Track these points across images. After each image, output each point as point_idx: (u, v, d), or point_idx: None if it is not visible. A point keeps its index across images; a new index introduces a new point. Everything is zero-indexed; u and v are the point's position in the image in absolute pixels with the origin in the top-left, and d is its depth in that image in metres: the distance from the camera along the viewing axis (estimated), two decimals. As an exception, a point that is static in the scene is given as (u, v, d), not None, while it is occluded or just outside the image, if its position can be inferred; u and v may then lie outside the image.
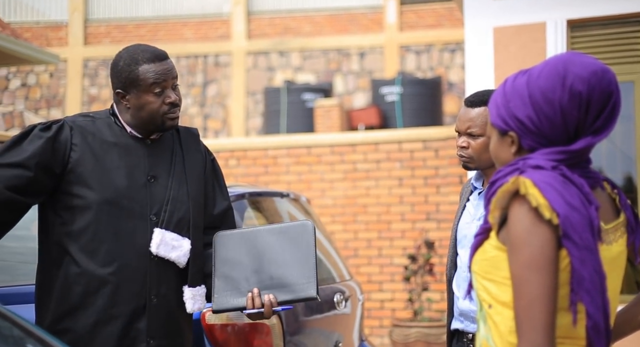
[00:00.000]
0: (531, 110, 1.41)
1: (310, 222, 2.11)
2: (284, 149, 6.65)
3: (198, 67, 12.25)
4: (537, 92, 1.41)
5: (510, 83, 1.46)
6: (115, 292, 2.03)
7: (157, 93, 2.11)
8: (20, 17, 12.75)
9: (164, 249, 2.06)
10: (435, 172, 6.30)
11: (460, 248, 2.32)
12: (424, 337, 5.69)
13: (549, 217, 1.32)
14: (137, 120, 2.13)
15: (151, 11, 12.58)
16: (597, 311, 1.33)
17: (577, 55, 1.43)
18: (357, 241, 6.40)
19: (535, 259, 1.32)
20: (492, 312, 1.40)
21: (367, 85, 11.57)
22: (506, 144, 1.46)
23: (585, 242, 1.33)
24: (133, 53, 2.15)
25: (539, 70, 1.43)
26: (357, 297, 3.44)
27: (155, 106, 2.10)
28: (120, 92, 2.12)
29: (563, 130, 1.40)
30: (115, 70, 2.15)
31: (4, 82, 12.49)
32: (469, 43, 5.17)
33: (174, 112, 2.13)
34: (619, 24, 4.87)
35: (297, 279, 2.04)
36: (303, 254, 2.06)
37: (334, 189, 6.48)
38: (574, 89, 1.38)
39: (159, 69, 2.11)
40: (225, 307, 2.07)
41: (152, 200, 2.09)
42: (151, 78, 2.09)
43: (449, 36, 11.44)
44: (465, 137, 2.28)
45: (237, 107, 12.04)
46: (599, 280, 1.33)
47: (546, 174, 1.36)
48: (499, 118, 1.45)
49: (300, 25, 12.16)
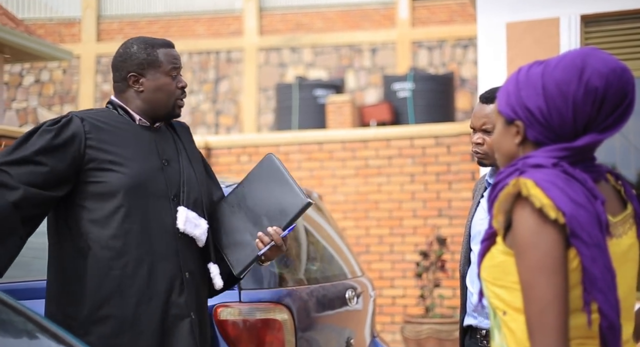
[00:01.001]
0: (542, 101, 1.37)
1: (271, 154, 2.25)
2: (296, 145, 6.65)
3: (210, 63, 12.27)
4: (552, 84, 1.37)
5: (524, 72, 1.42)
6: (152, 271, 2.09)
7: (174, 76, 2.20)
8: (33, 14, 12.81)
9: (189, 226, 2.14)
10: (447, 168, 6.29)
11: (474, 244, 2.32)
12: (435, 333, 5.68)
13: (554, 217, 1.28)
14: (149, 105, 2.19)
15: (163, 7, 12.61)
16: (611, 310, 1.29)
17: (597, 50, 1.39)
18: (369, 237, 6.40)
19: (544, 262, 1.28)
20: (508, 319, 1.36)
21: (379, 81, 11.54)
22: (510, 133, 1.42)
23: (595, 240, 1.29)
24: (145, 39, 2.23)
25: (557, 62, 1.39)
26: (369, 293, 3.44)
27: (172, 88, 2.20)
28: (134, 76, 2.17)
29: (571, 125, 1.36)
30: (126, 55, 2.19)
31: (17, 79, 12.56)
32: (482, 39, 5.14)
33: (183, 98, 2.23)
34: (633, 19, 4.83)
35: (285, 201, 2.17)
36: (279, 180, 2.19)
37: (346, 185, 6.48)
38: (591, 84, 1.34)
39: (176, 54, 2.23)
40: (245, 264, 2.19)
41: (170, 182, 2.17)
42: (169, 62, 2.19)
43: (461, 32, 11.39)
44: (480, 133, 2.28)
45: (249, 103, 12.04)
46: (610, 278, 1.30)
47: (548, 173, 1.32)
48: (508, 106, 1.41)
49: (312, 21, 12.14)
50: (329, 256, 3.42)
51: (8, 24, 8.19)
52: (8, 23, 8.22)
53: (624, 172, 4.96)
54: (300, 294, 2.79)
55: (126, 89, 2.19)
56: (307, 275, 3.14)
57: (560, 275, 1.28)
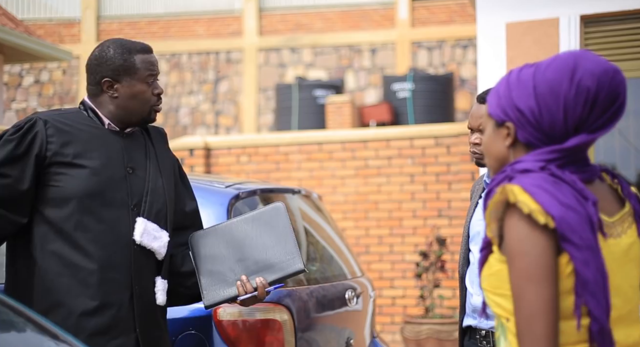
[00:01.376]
0: (533, 101, 1.35)
1: (281, 204, 2.16)
2: (295, 145, 6.65)
3: (210, 63, 12.27)
4: (543, 84, 1.35)
5: (515, 74, 1.41)
6: (102, 282, 2.02)
7: (150, 83, 2.14)
8: (33, 14, 12.82)
9: (147, 238, 2.07)
10: (447, 168, 6.29)
11: (474, 245, 2.32)
12: (435, 334, 5.68)
13: (544, 221, 1.27)
14: (122, 111, 2.12)
15: (163, 8, 12.61)
16: (602, 314, 1.28)
17: (589, 52, 1.39)
18: (369, 238, 6.40)
19: (533, 269, 1.27)
20: (511, 325, 1.34)
21: (379, 81, 11.54)
22: (501, 136, 1.40)
23: (586, 242, 1.27)
24: (123, 43, 2.16)
25: (548, 63, 1.38)
26: (369, 293, 3.44)
27: (148, 96, 2.13)
28: (109, 81, 2.11)
29: (562, 126, 1.34)
30: (102, 59, 2.13)
31: (17, 79, 12.56)
32: (481, 39, 5.14)
33: (159, 104, 2.17)
34: (633, 19, 4.83)
35: (281, 257, 2.08)
36: (281, 234, 2.10)
37: (345, 186, 6.48)
38: (582, 84, 1.33)
39: (153, 60, 2.16)
40: (217, 300, 2.10)
41: (132, 191, 2.09)
42: (146, 69, 2.13)
43: (461, 32, 11.40)
44: (478, 133, 2.28)
45: (249, 104, 12.04)
46: (602, 280, 1.28)
47: (535, 177, 1.30)
48: (499, 108, 1.40)
49: (311, 22, 12.14)
50: (329, 257, 3.42)
51: (8, 24, 8.19)
52: (8, 23, 8.22)
53: (623, 173, 4.95)
54: (300, 295, 2.79)
55: (100, 94, 2.13)
56: (307, 275, 3.14)
57: (548, 283, 1.27)
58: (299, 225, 3.39)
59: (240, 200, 2.84)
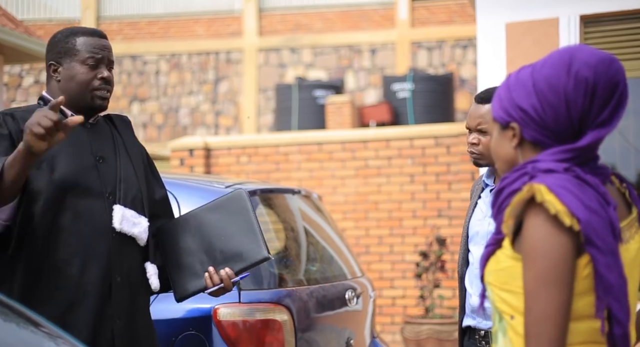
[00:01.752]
0: (535, 99, 1.36)
1: (242, 191, 2.17)
2: (295, 145, 6.65)
3: (210, 64, 12.27)
4: (542, 80, 1.36)
5: (514, 76, 1.42)
6: (83, 273, 2.00)
7: (91, 66, 2.08)
8: (33, 15, 12.82)
9: (126, 224, 2.06)
10: (447, 168, 6.29)
11: (473, 245, 2.32)
12: (435, 334, 5.68)
13: (569, 224, 1.26)
14: (66, 95, 2.06)
15: (163, 8, 12.61)
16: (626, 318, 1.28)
17: (585, 46, 1.40)
18: (369, 238, 6.40)
19: (551, 272, 1.26)
20: (515, 323, 1.34)
21: (379, 81, 11.54)
22: (507, 138, 1.40)
23: (609, 247, 1.27)
24: (73, 28, 2.13)
25: (544, 60, 1.39)
26: (369, 294, 3.44)
27: (87, 78, 2.07)
28: (53, 64, 2.09)
29: (567, 120, 1.34)
30: (51, 43, 2.12)
31: (17, 80, 12.56)
32: (481, 39, 5.14)
33: (104, 90, 2.10)
34: (633, 19, 4.83)
35: (245, 246, 2.09)
36: (244, 221, 2.11)
37: (345, 186, 6.48)
38: (580, 75, 1.34)
39: (96, 43, 2.10)
40: (188, 293, 2.14)
41: (105, 179, 2.08)
42: (87, 50, 2.07)
43: (460, 32, 11.40)
44: (476, 133, 2.28)
45: (249, 104, 12.04)
46: (624, 285, 1.28)
47: (560, 178, 1.30)
48: (502, 110, 1.40)
49: (311, 22, 12.14)
50: (329, 257, 3.42)
51: (7, 24, 8.20)
52: (7, 24, 8.23)
53: (623, 173, 4.95)
54: (300, 295, 2.79)
55: (49, 80, 2.12)
56: (307, 276, 3.14)
57: (565, 287, 1.27)
58: (298, 225, 3.39)
59: (240, 200, 2.83)
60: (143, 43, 12.18)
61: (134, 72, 12.24)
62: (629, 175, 4.98)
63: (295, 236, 3.29)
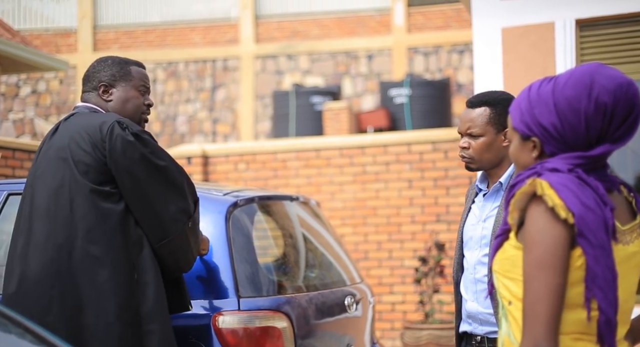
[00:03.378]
0: (556, 118, 1.47)
1: None
2: (293, 152, 6.65)
3: (206, 71, 12.28)
4: (563, 101, 1.47)
5: (535, 90, 1.52)
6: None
7: (142, 92, 2.37)
8: (29, 25, 12.83)
9: None
10: (445, 173, 6.29)
11: (467, 250, 2.31)
12: (435, 339, 5.67)
13: (564, 216, 1.38)
14: (118, 113, 2.32)
15: (159, 17, 12.62)
16: (609, 307, 1.38)
17: (603, 67, 1.50)
18: (367, 244, 6.39)
19: (546, 258, 1.38)
20: (512, 308, 1.46)
21: (376, 87, 11.56)
22: (527, 148, 1.52)
23: (600, 242, 1.38)
24: (119, 57, 2.42)
25: (565, 80, 1.49)
26: (368, 299, 3.44)
27: (140, 102, 2.36)
28: (105, 86, 2.33)
29: (585, 138, 1.46)
30: (100, 67, 2.36)
31: (14, 89, 12.56)
32: (477, 44, 5.15)
33: (148, 114, 2.38)
34: (629, 23, 4.84)
35: None
36: None
37: (344, 192, 6.48)
38: (600, 100, 1.45)
39: (146, 75, 2.43)
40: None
41: None
42: (142, 79, 2.38)
43: (457, 37, 11.42)
44: (467, 137, 2.29)
45: (246, 111, 12.05)
46: (611, 277, 1.39)
47: (563, 176, 1.42)
48: (523, 123, 1.51)
49: (308, 29, 12.16)
50: (328, 263, 3.42)
51: (4, 34, 8.20)
52: (4, 34, 8.23)
53: (621, 176, 4.96)
54: (299, 302, 2.79)
55: (95, 98, 2.33)
56: (306, 282, 3.13)
57: (558, 272, 1.38)
58: (297, 232, 3.39)
59: (238, 208, 2.84)
60: (140, 51, 12.19)
61: (131, 81, 12.23)
62: (626, 178, 4.98)
63: (293, 242, 3.28)
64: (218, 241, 2.66)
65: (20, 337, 1.50)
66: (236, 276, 2.61)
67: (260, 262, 2.79)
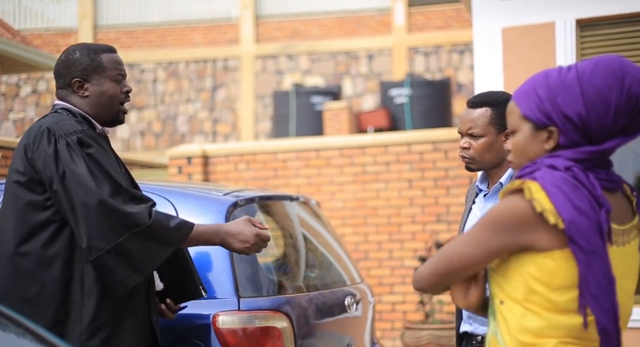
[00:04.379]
0: (582, 108, 1.39)
1: None
2: (293, 152, 6.65)
3: (207, 71, 12.28)
4: (592, 90, 1.39)
5: (555, 76, 1.43)
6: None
7: (118, 81, 2.23)
8: (30, 24, 12.83)
9: None
10: (445, 173, 6.29)
11: None
12: (435, 339, 5.66)
13: (554, 222, 1.33)
14: (94, 110, 2.21)
15: (160, 17, 12.62)
16: (604, 315, 1.33)
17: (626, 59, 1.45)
18: (368, 244, 6.39)
19: (496, 219, 1.38)
20: (504, 308, 1.41)
21: (376, 87, 11.56)
22: (540, 139, 1.43)
23: (593, 247, 1.32)
24: (87, 45, 2.26)
25: (592, 68, 1.41)
26: (368, 299, 3.43)
27: (116, 92, 2.22)
28: (79, 81, 2.20)
29: (610, 129, 1.40)
30: (70, 62, 2.22)
31: (14, 89, 12.56)
32: (478, 44, 5.15)
33: (127, 101, 2.27)
34: (629, 23, 4.84)
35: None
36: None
37: (344, 192, 6.48)
38: (633, 91, 1.38)
39: (119, 59, 2.27)
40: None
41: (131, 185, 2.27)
42: (115, 67, 2.23)
43: (457, 37, 11.42)
44: (467, 137, 2.28)
45: (246, 111, 12.05)
46: (607, 284, 1.33)
47: (557, 176, 1.36)
48: (540, 112, 1.42)
49: (308, 29, 12.16)
50: (328, 263, 3.41)
51: (4, 34, 8.20)
52: (4, 34, 8.23)
53: (621, 175, 4.96)
54: (299, 302, 2.79)
55: (70, 95, 2.22)
56: (306, 282, 3.13)
57: (498, 235, 1.36)
58: (297, 232, 3.38)
59: (238, 208, 2.84)
60: (140, 51, 12.19)
61: (131, 81, 12.24)
62: (626, 177, 4.98)
63: (294, 242, 3.28)
64: (218, 241, 2.66)
65: (20, 337, 1.50)
66: (236, 276, 2.61)
67: (260, 262, 2.79)
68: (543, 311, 1.37)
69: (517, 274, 1.39)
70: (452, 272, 1.39)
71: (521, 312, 1.38)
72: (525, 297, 1.38)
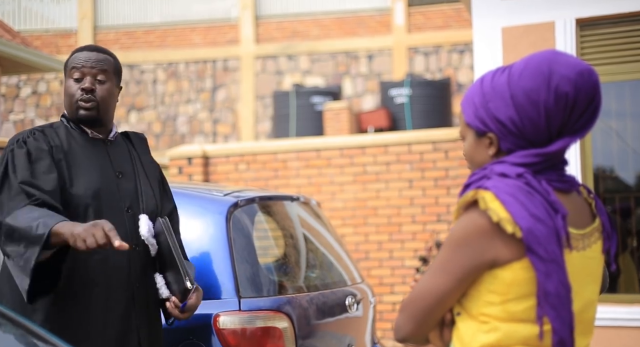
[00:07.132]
0: (513, 112, 1.35)
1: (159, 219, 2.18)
2: (294, 152, 6.65)
3: (207, 72, 12.28)
4: (520, 93, 1.34)
5: (488, 82, 1.40)
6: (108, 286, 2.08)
7: (77, 79, 2.15)
8: (30, 26, 12.83)
9: (150, 235, 2.14)
10: (446, 173, 6.29)
11: None
12: (436, 339, 5.66)
13: (511, 231, 1.28)
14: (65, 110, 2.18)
15: (160, 17, 12.63)
16: (563, 326, 1.29)
17: (560, 54, 1.38)
18: (368, 244, 6.39)
19: (460, 239, 1.33)
20: (459, 320, 1.37)
21: (376, 87, 11.56)
22: (483, 145, 1.40)
23: (551, 255, 1.28)
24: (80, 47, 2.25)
25: (521, 70, 1.37)
26: (369, 299, 3.44)
27: (73, 91, 2.14)
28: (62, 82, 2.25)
29: (545, 132, 1.35)
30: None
31: (14, 90, 12.56)
32: (477, 43, 5.15)
33: (86, 100, 2.13)
34: (629, 22, 4.84)
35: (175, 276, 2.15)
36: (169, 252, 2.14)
37: (344, 192, 6.48)
38: (560, 90, 1.33)
39: (83, 57, 2.17)
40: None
41: (123, 194, 2.15)
42: (73, 64, 2.16)
43: (457, 37, 11.42)
44: None
45: (247, 112, 12.05)
46: (564, 293, 1.29)
47: (510, 184, 1.31)
48: (477, 119, 1.39)
49: (308, 29, 12.16)
50: (329, 263, 3.41)
51: (4, 35, 8.21)
52: (4, 35, 8.23)
53: (621, 175, 4.96)
54: (300, 302, 2.79)
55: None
56: (307, 282, 3.13)
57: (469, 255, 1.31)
58: (298, 232, 3.38)
59: (238, 208, 2.84)
60: (140, 52, 12.20)
61: (131, 81, 12.25)
62: (627, 177, 4.98)
63: (294, 242, 3.28)
64: (218, 242, 2.66)
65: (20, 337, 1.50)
66: (237, 277, 2.61)
67: (261, 263, 2.79)
68: (498, 323, 1.32)
69: (474, 290, 1.34)
70: (431, 310, 1.33)
71: (475, 327, 1.34)
72: (480, 312, 1.34)
